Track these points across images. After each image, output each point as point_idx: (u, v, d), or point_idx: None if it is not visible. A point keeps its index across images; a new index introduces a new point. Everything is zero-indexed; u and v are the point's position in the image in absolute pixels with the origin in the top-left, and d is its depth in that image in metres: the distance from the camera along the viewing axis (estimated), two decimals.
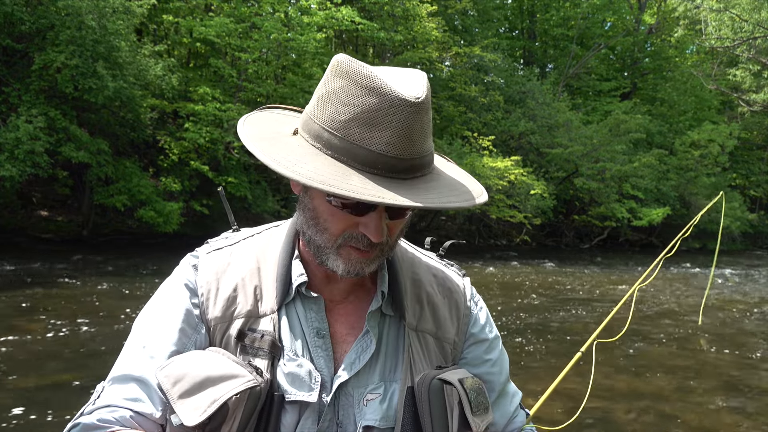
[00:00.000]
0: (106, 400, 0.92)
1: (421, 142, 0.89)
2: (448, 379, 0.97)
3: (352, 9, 17.15)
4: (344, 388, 0.97)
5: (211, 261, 1.05)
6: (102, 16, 12.29)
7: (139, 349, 0.96)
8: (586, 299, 10.78)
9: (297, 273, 1.01)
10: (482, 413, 0.98)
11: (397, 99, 0.85)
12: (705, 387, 5.65)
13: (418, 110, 0.86)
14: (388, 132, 0.85)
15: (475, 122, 22.41)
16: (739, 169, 31.48)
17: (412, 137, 0.87)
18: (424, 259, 1.14)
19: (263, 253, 1.06)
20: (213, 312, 1.00)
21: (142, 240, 15.51)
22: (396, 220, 0.95)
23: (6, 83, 12.31)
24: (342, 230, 0.93)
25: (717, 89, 29.02)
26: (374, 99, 0.85)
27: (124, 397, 0.92)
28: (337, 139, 0.88)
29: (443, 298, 1.09)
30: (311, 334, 0.99)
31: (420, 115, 0.87)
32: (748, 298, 12.05)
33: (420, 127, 0.88)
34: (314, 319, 1.00)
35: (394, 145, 0.86)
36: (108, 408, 0.91)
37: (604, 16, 31.52)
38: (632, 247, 26.71)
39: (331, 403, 0.96)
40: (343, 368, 0.98)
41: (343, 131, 0.87)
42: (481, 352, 1.10)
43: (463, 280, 1.14)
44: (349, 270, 0.95)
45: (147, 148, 16.37)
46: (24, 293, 8.42)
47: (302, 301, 1.02)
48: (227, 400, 0.86)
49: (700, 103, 31.36)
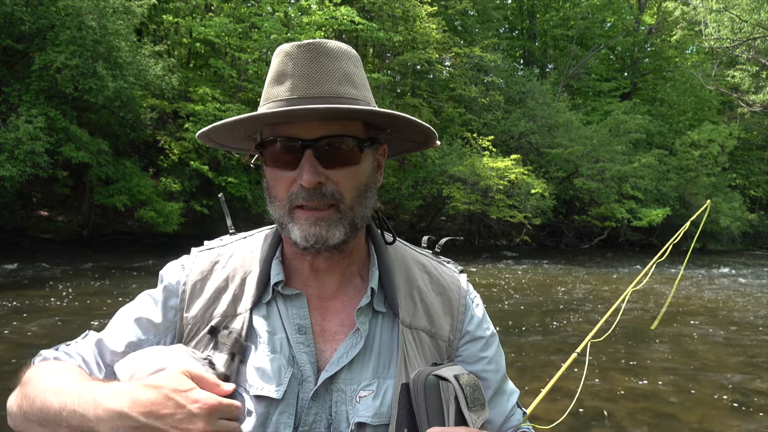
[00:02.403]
0: (72, 348, 1.06)
1: (330, 84, 0.94)
2: (443, 375, 0.97)
3: (351, 9, 17.15)
4: (336, 384, 0.97)
5: (199, 261, 1.09)
6: (102, 16, 12.29)
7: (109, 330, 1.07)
8: (586, 299, 10.78)
9: (274, 273, 1.03)
10: (478, 409, 0.97)
11: (291, 47, 0.96)
12: (701, 386, 5.66)
13: (315, 53, 0.95)
14: (290, 79, 0.95)
15: (475, 122, 22.41)
16: (739, 169, 31.47)
17: (311, 77, 0.94)
18: (418, 256, 1.14)
19: (250, 254, 1.09)
20: (192, 311, 1.04)
21: (142, 240, 15.52)
22: (335, 169, 0.95)
23: (6, 83, 12.32)
24: (286, 191, 0.97)
25: (717, 89, 29.02)
26: (279, 57, 0.97)
27: (84, 353, 1.05)
28: (262, 107, 0.98)
29: (437, 296, 1.09)
30: (293, 331, 1.00)
31: (319, 59, 0.95)
32: (747, 298, 12.06)
33: (322, 70, 0.94)
34: (295, 315, 1.01)
35: (296, 87, 0.94)
36: (68, 350, 1.06)
37: (604, 16, 31.54)
38: (632, 247, 26.71)
39: (321, 399, 0.97)
40: (330, 363, 0.99)
41: (264, 97, 0.98)
42: (476, 350, 1.09)
43: (460, 277, 1.14)
44: (306, 235, 0.96)
45: (147, 148, 16.39)
46: (24, 293, 8.42)
47: (283, 299, 1.03)
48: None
49: (700, 103, 31.36)
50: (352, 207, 0.98)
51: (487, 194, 19.73)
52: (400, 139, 1.09)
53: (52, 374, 0.97)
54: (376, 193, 1.04)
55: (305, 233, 0.96)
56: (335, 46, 0.97)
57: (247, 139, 1.06)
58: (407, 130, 1.05)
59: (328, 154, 0.95)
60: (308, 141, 0.94)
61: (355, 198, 0.98)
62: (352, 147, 0.96)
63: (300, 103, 0.93)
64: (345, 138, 0.96)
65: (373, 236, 1.11)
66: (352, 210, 0.98)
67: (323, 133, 0.94)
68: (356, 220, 0.99)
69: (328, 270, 1.05)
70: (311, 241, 0.96)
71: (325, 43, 0.96)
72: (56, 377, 0.96)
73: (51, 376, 0.97)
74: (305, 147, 0.94)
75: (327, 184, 0.95)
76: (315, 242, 0.96)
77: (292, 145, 0.95)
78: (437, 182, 20.10)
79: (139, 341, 1.04)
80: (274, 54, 1.00)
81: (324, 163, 0.95)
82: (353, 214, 0.98)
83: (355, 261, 1.08)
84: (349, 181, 0.97)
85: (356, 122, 0.98)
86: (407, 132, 1.06)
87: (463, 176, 19.37)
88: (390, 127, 1.03)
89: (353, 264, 1.08)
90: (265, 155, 0.99)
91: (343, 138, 0.95)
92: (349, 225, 0.98)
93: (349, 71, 0.97)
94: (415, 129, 1.03)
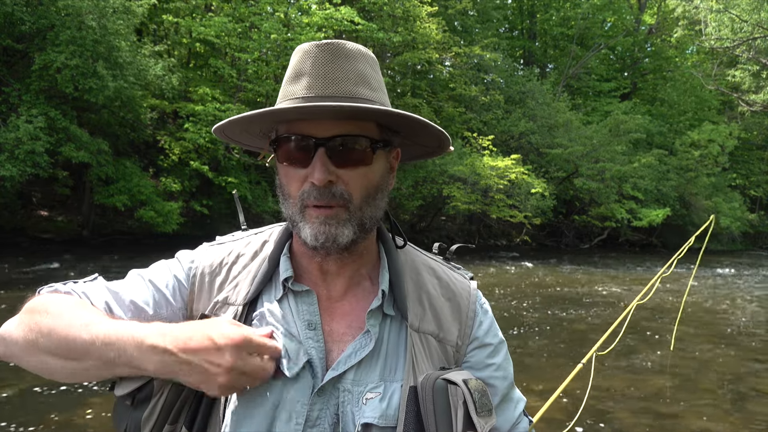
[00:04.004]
0: (80, 287, 1.04)
1: (346, 84, 0.95)
2: (452, 379, 0.96)
3: (351, 9, 17.14)
4: (343, 384, 0.97)
5: (209, 254, 1.10)
6: (102, 16, 12.29)
7: (120, 284, 1.06)
8: (586, 300, 10.78)
9: (283, 268, 1.04)
10: (486, 415, 0.96)
11: (309, 46, 0.97)
12: (706, 390, 5.66)
13: (333, 54, 0.95)
14: (307, 77, 0.95)
15: (475, 122, 22.41)
16: (739, 169, 31.49)
17: (328, 76, 0.95)
18: (428, 261, 1.14)
19: (259, 249, 1.10)
20: (197, 302, 1.06)
21: (142, 240, 15.52)
22: (346, 169, 0.95)
23: (6, 83, 12.32)
24: (298, 189, 0.97)
25: (717, 89, 29.03)
26: (297, 56, 0.98)
27: (94, 296, 1.02)
28: (280, 104, 0.97)
29: (446, 300, 1.09)
30: (303, 327, 1.01)
31: (337, 59, 0.95)
32: (748, 298, 12.06)
33: (340, 70, 0.95)
34: (306, 312, 1.02)
35: (313, 86, 0.94)
36: (78, 288, 1.03)
37: (604, 16, 31.56)
38: (632, 247, 26.73)
39: (326, 396, 0.97)
40: (338, 362, 0.98)
41: (282, 95, 0.99)
42: (484, 356, 1.09)
43: (470, 283, 1.14)
44: (316, 234, 0.95)
45: (147, 148, 16.39)
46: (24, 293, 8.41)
47: (294, 296, 1.03)
48: (152, 379, 0.91)
49: (700, 103, 31.37)
50: (361, 207, 0.98)
51: (487, 194, 19.73)
52: (413, 143, 1.09)
53: (75, 307, 0.96)
54: (387, 195, 1.04)
55: (315, 231, 0.96)
56: (353, 48, 0.98)
57: (262, 137, 1.07)
58: (421, 134, 1.04)
59: (340, 153, 0.95)
60: (321, 139, 0.94)
61: (365, 199, 0.98)
62: (364, 147, 0.96)
63: (315, 102, 0.93)
64: (358, 138, 0.95)
65: (384, 239, 1.10)
66: (360, 210, 0.98)
67: (336, 132, 0.94)
68: (365, 221, 0.99)
69: (337, 272, 1.04)
70: (321, 239, 0.96)
71: (344, 44, 0.97)
72: (81, 311, 0.95)
73: (74, 308, 0.96)
74: (318, 145, 0.94)
75: (337, 183, 0.95)
76: (325, 241, 0.96)
77: (306, 143, 0.95)
78: (437, 182, 20.10)
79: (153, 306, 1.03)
80: (294, 52, 1.01)
81: (336, 162, 0.95)
82: (362, 215, 0.98)
83: (364, 263, 1.07)
84: (360, 182, 0.97)
85: (370, 123, 0.98)
86: (421, 136, 1.06)
87: (463, 176, 19.36)
88: (404, 130, 1.03)
89: (363, 267, 1.07)
90: (278, 152, 0.99)
91: (356, 138, 0.95)
92: (358, 225, 0.98)
93: (365, 73, 0.98)
94: (429, 133, 1.02)
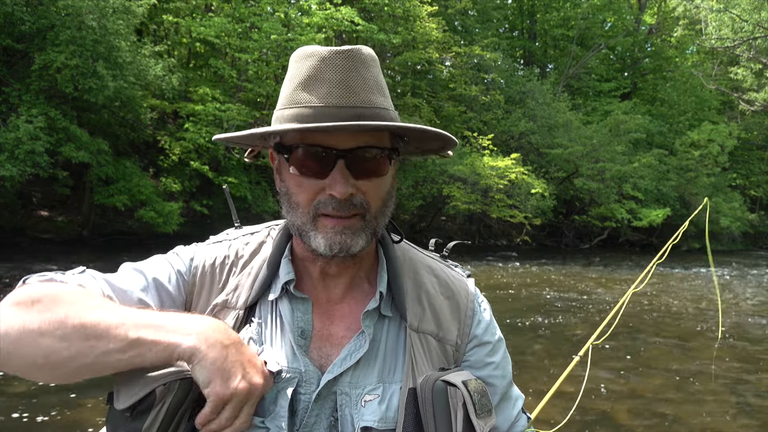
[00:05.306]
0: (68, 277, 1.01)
1: (365, 93, 0.93)
2: (451, 380, 0.96)
3: (352, 9, 17.14)
4: (340, 387, 0.97)
5: (207, 253, 1.08)
6: (102, 16, 12.27)
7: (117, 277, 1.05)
8: (586, 299, 10.78)
9: (285, 272, 1.02)
10: (486, 416, 0.97)
11: (328, 53, 0.93)
12: (703, 387, 5.66)
13: (352, 61, 0.93)
14: (325, 85, 0.92)
15: (475, 121, 22.41)
16: (739, 169, 31.46)
17: (349, 85, 0.92)
18: (426, 260, 1.14)
19: (257, 250, 1.08)
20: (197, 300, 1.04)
21: (142, 240, 15.51)
22: (365, 180, 0.95)
23: (6, 83, 12.31)
24: (311, 199, 0.95)
25: (717, 89, 29.01)
26: (311, 61, 0.94)
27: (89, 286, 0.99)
28: (287, 110, 0.94)
29: (445, 300, 1.08)
30: (296, 334, 1.00)
31: (357, 66, 0.93)
32: (748, 298, 12.05)
33: (360, 78, 0.93)
34: (300, 319, 1.01)
35: (332, 95, 0.91)
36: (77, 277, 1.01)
37: (604, 16, 31.56)
38: (632, 247, 26.70)
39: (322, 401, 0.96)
40: (333, 365, 0.98)
41: (290, 101, 0.95)
42: (483, 355, 1.09)
43: (467, 281, 1.14)
44: (331, 244, 0.94)
45: (147, 148, 16.38)
46: None
47: (290, 300, 1.02)
48: (155, 388, 0.86)
49: (700, 103, 31.35)
50: (376, 216, 0.98)
51: (487, 194, 19.72)
52: (417, 148, 1.09)
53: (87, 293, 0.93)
54: (394, 200, 1.04)
55: (330, 242, 0.94)
56: (368, 54, 0.96)
57: (260, 138, 1.04)
58: (431, 141, 1.04)
59: (359, 164, 0.94)
60: (342, 152, 0.92)
61: (380, 208, 0.98)
62: (381, 157, 0.96)
63: (336, 112, 0.91)
64: (374, 149, 0.95)
65: (382, 239, 1.10)
66: (375, 219, 0.98)
67: (355, 144, 0.93)
68: (378, 229, 0.99)
69: (338, 274, 1.04)
70: (335, 249, 0.95)
71: (360, 50, 0.95)
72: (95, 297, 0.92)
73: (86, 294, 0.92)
74: (338, 157, 0.92)
75: (357, 194, 0.94)
76: (339, 251, 0.95)
77: (325, 155, 0.93)
78: (437, 182, 20.09)
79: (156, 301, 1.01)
80: (299, 55, 0.97)
81: (354, 173, 0.94)
82: (376, 223, 0.98)
83: (364, 266, 1.07)
84: (376, 191, 0.97)
85: (384, 132, 0.97)
86: (428, 142, 1.06)
87: (463, 176, 19.36)
88: (411, 137, 1.02)
89: (362, 269, 1.07)
90: (289, 160, 0.96)
91: (373, 149, 0.95)
92: (371, 233, 0.98)
93: (379, 79, 0.97)
94: (438, 139, 1.02)
